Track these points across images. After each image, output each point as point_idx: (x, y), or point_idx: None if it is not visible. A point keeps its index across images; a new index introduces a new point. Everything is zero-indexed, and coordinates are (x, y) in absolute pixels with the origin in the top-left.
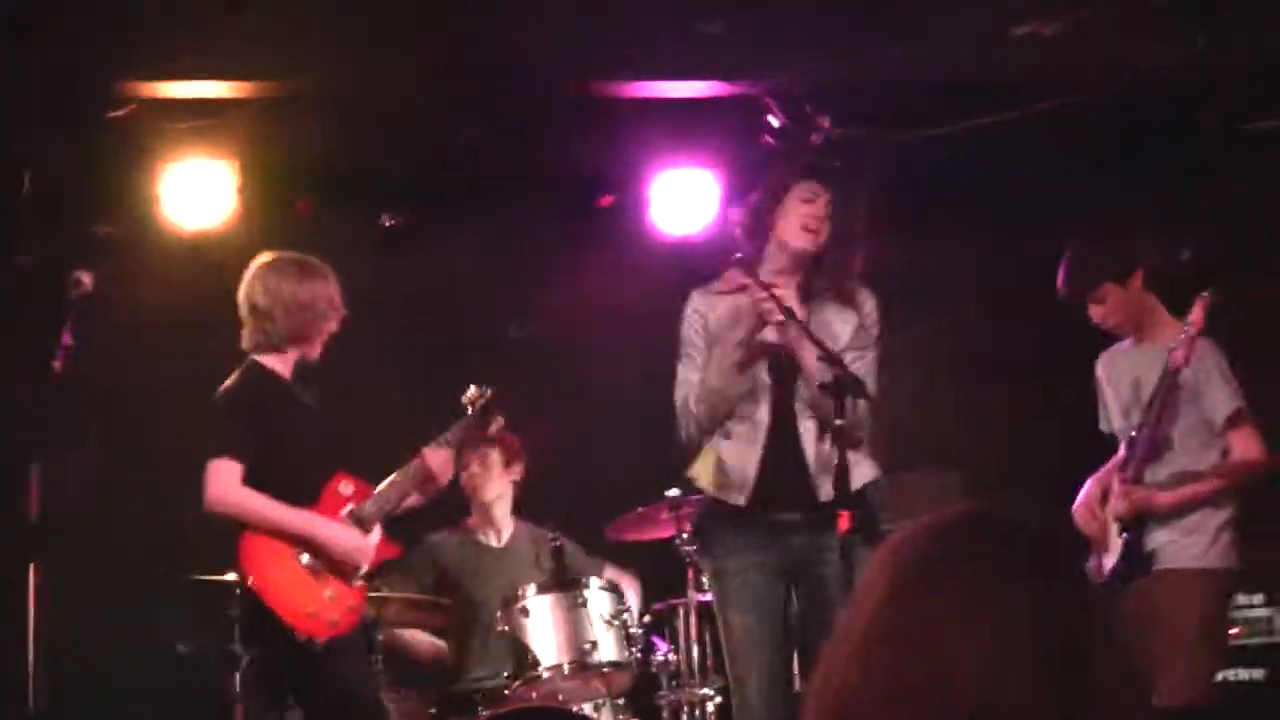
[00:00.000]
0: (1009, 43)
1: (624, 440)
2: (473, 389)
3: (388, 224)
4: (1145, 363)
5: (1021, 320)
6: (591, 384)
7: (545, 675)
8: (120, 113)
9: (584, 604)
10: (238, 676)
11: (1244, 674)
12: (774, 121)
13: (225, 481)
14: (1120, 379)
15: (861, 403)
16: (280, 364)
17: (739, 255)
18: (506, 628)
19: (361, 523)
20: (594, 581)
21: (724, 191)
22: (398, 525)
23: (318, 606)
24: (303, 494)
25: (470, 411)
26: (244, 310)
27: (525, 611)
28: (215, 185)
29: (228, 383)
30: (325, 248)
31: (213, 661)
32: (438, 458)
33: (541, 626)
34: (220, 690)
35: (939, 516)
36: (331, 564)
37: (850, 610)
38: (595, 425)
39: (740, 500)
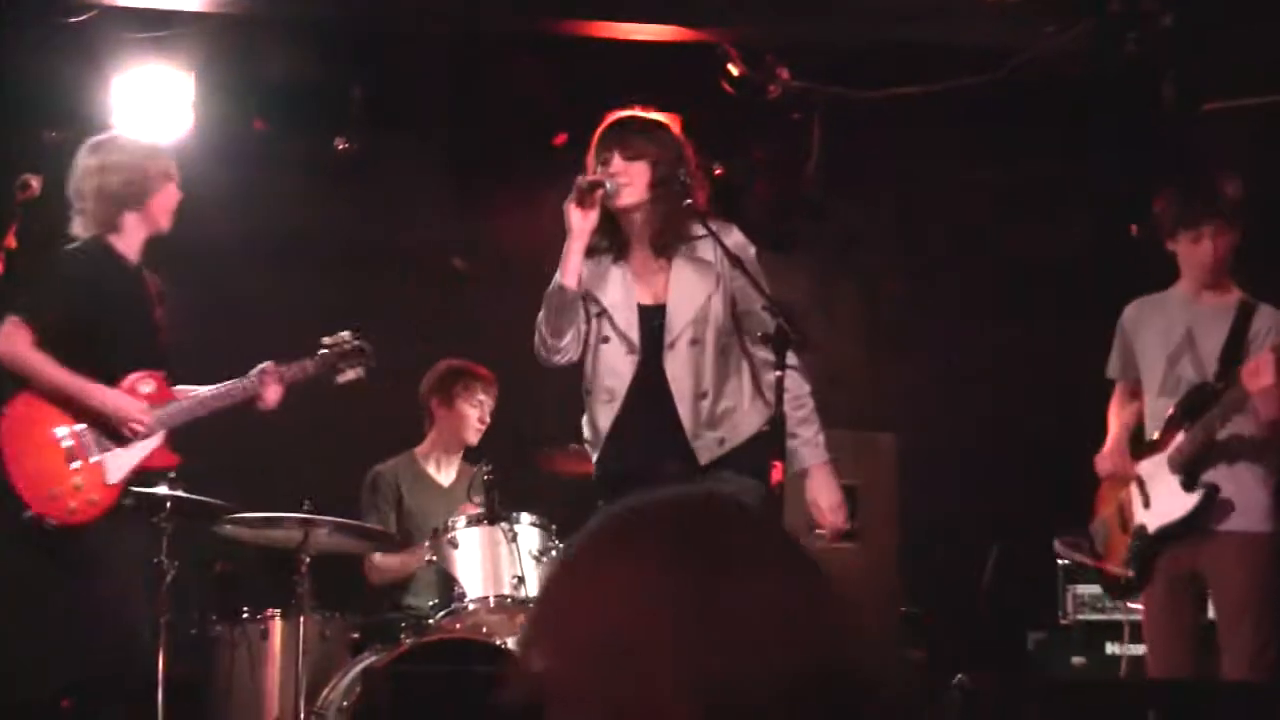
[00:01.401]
0: (971, 7)
1: (562, 376)
2: (344, 334)
3: (341, 147)
4: (1205, 316)
5: (950, 283)
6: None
7: (470, 607)
8: (79, 19)
9: (513, 539)
10: (163, 589)
11: None
12: (733, 70)
13: (13, 341)
14: (1166, 327)
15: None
16: (122, 243)
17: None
18: (435, 558)
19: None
20: (524, 517)
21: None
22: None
23: (61, 490)
24: (98, 379)
25: (328, 354)
26: (71, 196)
27: (454, 543)
28: (171, 98)
29: (66, 248)
30: (278, 168)
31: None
32: (275, 391)
33: (469, 558)
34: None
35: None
36: (91, 450)
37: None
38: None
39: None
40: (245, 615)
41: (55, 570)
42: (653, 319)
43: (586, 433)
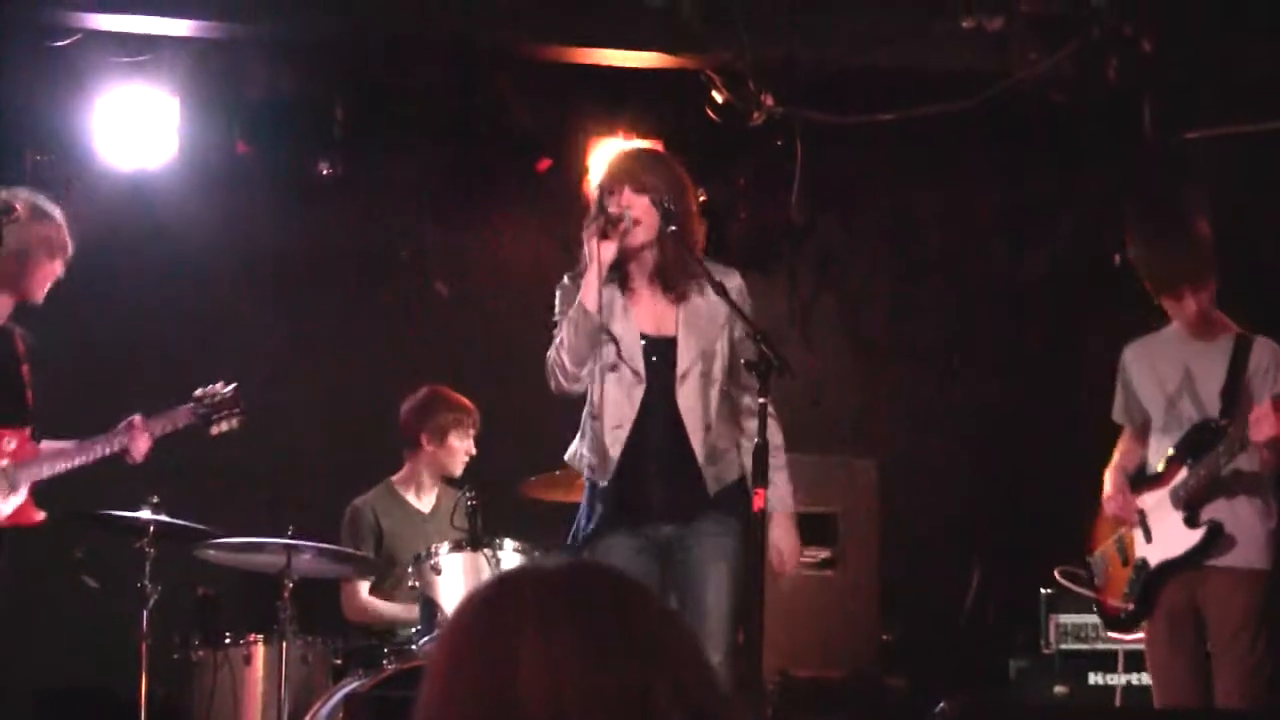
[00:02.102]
0: (955, 35)
1: (547, 402)
2: (220, 385)
3: (325, 172)
4: (1202, 354)
5: (932, 308)
6: (517, 344)
7: None
8: (63, 42)
9: (497, 564)
10: (145, 613)
11: None
12: (717, 97)
13: None
14: (1164, 368)
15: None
16: None
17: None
18: (417, 584)
19: (8, 482)
20: (508, 543)
21: None
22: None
23: None
24: None
25: (198, 406)
26: None
27: (437, 569)
28: (155, 121)
29: None
30: (262, 190)
31: (121, 597)
32: (144, 444)
33: (453, 584)
34: (129, 626)
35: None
36: None
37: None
38: (518, 386)
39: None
40: (227, 639)
41: None
42: (655, 350)
43: (589, 458)
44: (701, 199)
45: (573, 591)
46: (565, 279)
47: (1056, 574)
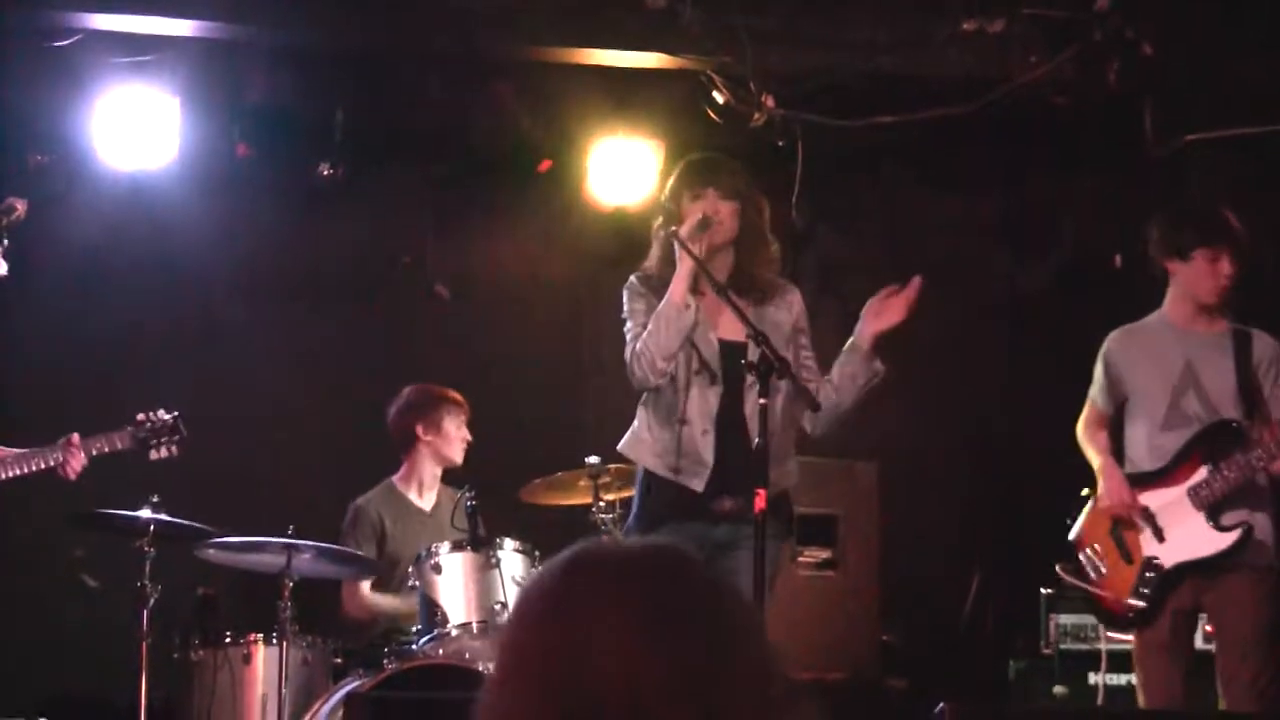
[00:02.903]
0: (956, 39)
1: (546, 405)
2: (161, 412)
3: (325, 174)
4: (1203, 347)
5: (933, 311)
6: (518, 348)
7: (453, 633)
8: (64, 42)
9: (496, 564)
10: (145, 613)
11: None
12: (718, 98)
13: None
14: (1164, 359)
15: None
16: None
17: (675, 228)
18: (418, 583)
19: None
20: (508, 543)
21: (662, 163)
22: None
23: None
24: None
25: (136, 430)
26: None
27: (438, 568)
28: (155, 122)
29: None
30: (261, 193)
31: (120, 597)
32: (78, 461)
33: (452, 584)
34: (130, 625)
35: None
36: None
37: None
38: (518, 390)
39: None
40: (227, 639)
41: None
42: (729, 355)
43: (678, 460)
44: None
45: (650, 572)
46: (633, 279)
47: (1058, 569)
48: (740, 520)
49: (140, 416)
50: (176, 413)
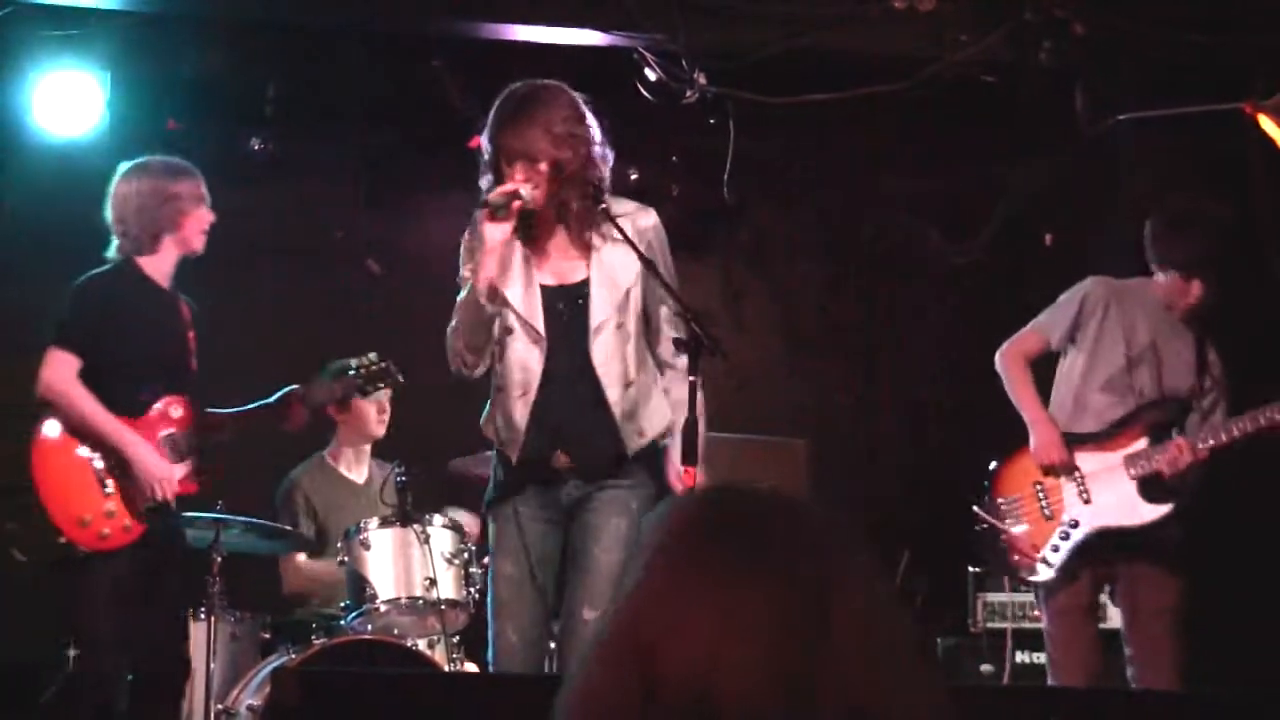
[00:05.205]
0: (889, 16)
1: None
2: (373, 356)
3: (257, 147)
4: (1170, 331)
5: (863, 288)
6: (449, 321)
7: (382, 609)
8: None
9: (425, 540)
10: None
11: None
12: (650, 75)
13: (60, 372)
14: (1132, 326)
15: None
16: (153, 265)
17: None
18: (347, 559)
19: (176, 451)
20: (437, 519)
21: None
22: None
23: (93, 516)
24: (128, 404)
25: (357, 374)
26: (109, 220)
27: (366, 544)
28: (85, 96)
29: (93, 271)
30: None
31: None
32: (303, 413)
33: (381, 560)
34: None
35: (684, 498)
36: (126, 480)
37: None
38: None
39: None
40: None
41: (85, 596)
42: (560, 301)
43: (500, 431)
44: (634, 176)
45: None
46: (466, 235)
47: (976, 510)
48: (599, 479)
49: (353, 361)
50: (387, 361)
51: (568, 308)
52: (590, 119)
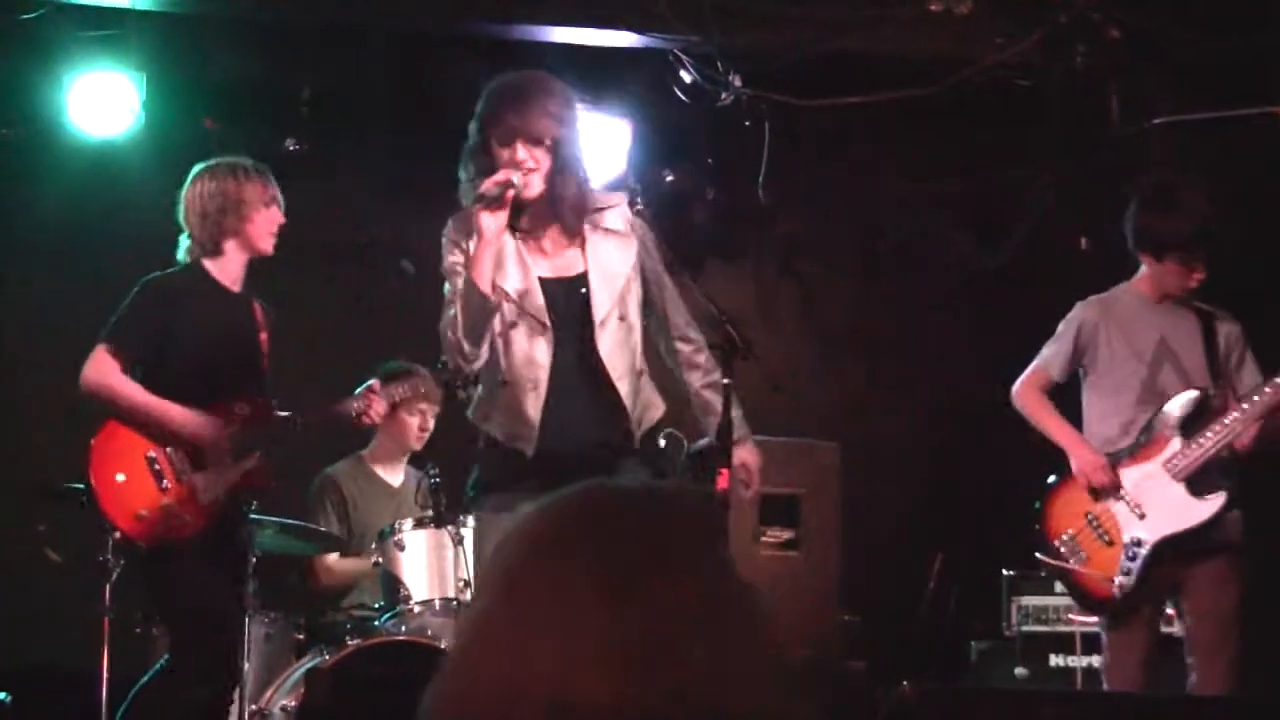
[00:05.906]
0: (923, 19)
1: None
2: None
3: (291, 148)
4: (1175, 324)
5: (895, 292)
6: None
7: (415, 610)
8: (30, 15)
9: (459, 542)
10: (107, 587)
11: None
12: (686, 77)
13: (100, 366)
14: (1136, 333)
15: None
16: (219, 268)
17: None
18: (381, 559)
19: (239, 448)
20: (470, 521)
21: (631, 141)
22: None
23: (149, 510)
24: (193, 401)
25: (438, 371)
26: (181, 223)
27: (400, 545)
28: (120, 96)
29: (158, 273)
30: None
31: (85, 570)
32: (382, 407)
33: (415, 561)
34: (91, 600)
35: (549, 502)
36: (181, 472)
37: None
38: None
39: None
40: None
41: (148, 589)
42: (561, 293)
43: (507, 426)
44: (668, 178)
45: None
46: (450, 224)
47: (1038, 557)
48: (609, 469)
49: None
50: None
51: (569, 300)
52: (579, 109)
